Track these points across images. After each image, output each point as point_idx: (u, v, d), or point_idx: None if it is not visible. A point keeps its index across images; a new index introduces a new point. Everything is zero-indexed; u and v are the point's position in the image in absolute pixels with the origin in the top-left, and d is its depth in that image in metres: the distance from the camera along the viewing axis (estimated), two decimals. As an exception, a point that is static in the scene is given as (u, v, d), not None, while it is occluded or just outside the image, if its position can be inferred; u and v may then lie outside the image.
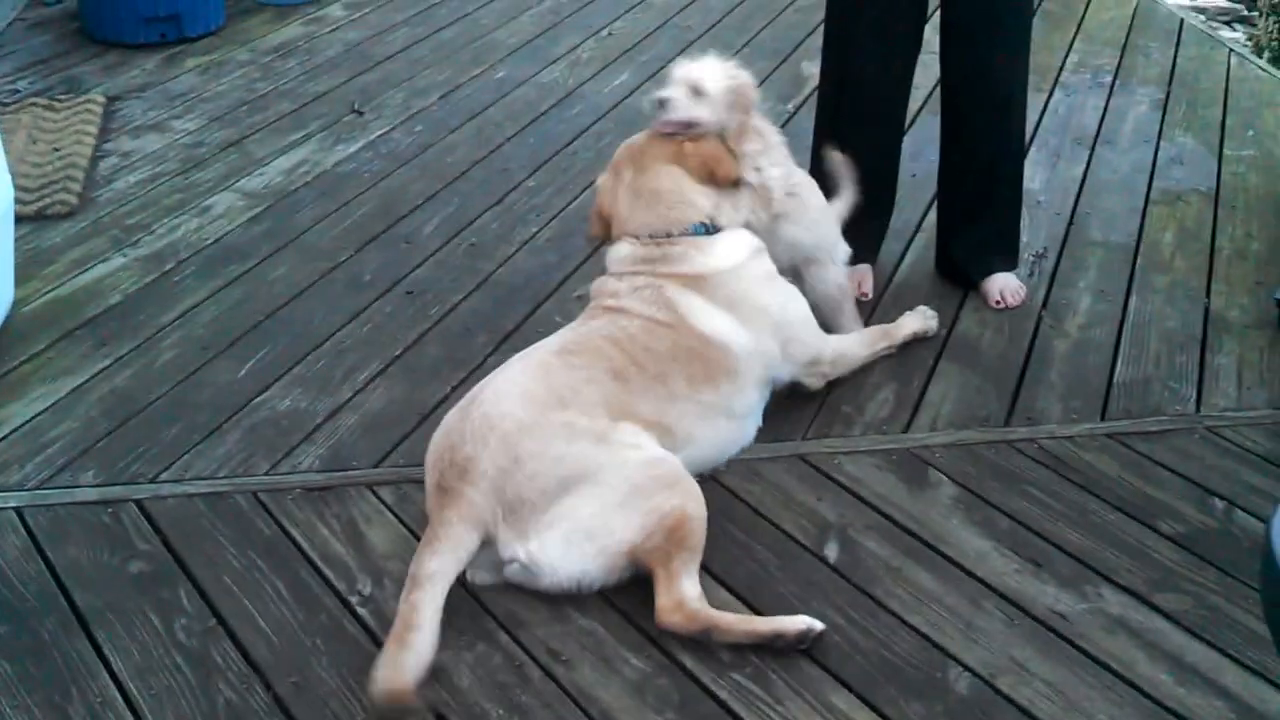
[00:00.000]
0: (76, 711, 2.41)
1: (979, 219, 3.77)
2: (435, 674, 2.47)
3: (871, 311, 3.69)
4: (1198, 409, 3.33)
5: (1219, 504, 2.98)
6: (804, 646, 2.54)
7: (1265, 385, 3.43)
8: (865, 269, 3.80)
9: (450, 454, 2.67)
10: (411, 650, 2.38)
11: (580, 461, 2.64)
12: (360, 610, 2.64)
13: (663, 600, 2.56)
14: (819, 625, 2.56)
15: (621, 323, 2.94)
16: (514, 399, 2.72)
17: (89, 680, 2.48)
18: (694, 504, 2.67)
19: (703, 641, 2.54)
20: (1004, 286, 3.75)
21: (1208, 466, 3.10)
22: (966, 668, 2.52)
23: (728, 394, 2.99)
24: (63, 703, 2.43)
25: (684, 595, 2.57)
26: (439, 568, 2.52)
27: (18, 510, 2.92)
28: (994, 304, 3.72)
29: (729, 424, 3.04)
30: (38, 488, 2.99)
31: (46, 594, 2.69)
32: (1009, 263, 3.82)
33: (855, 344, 3.39)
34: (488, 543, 2.61)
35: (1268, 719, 2.43)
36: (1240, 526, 2.91)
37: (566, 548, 2.61)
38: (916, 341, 3.53)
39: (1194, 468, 3.10)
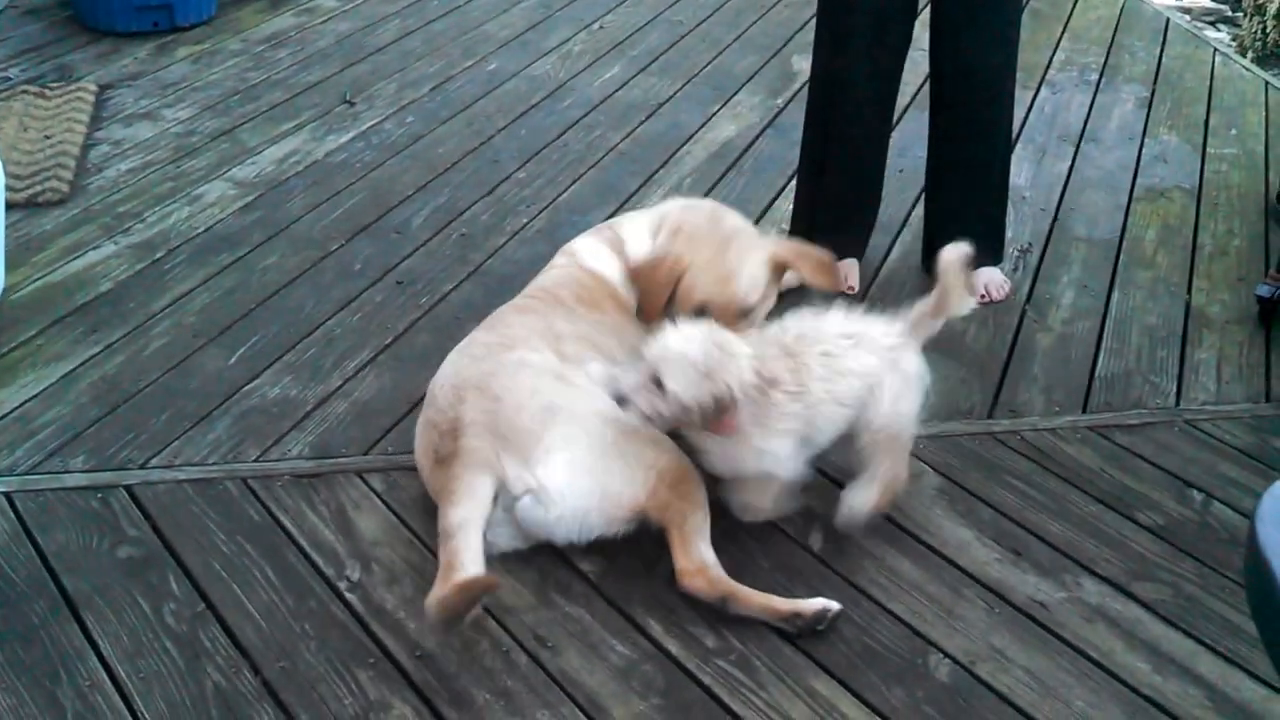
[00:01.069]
0: (65, 695, 2.43)
1: (965, 214, 3.80)
2: (422, 658, 2.51)
3: (864, 290, 3.74)
4: (1177, 403, 3.37)
5: (1197, 496, 3.02)
6: (821, 627, 2.58)
7: (1244, 380, 3.47)
8: (852, 263, 3.83)
9: (437, 428, 2.74)
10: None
11: (556, 394, 2.71)
12: (349, 596, 2.67)
13: (683, 563, 2.61)
14: (835, 606, 2.61)
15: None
16: (465, 365, 2.83)
17: (78, 664, 2.50)
18: (686, 459, 2.72)
19: (717, 609, 2.60)
20: (989, 281, 3.79)
21: (1186, 459, 3.15)
22: (947, 655, 2.56)
23: (622, 324, 3.02)
24: (52, 686, 2.45)
25: (705, 560, 2.62)
26: (465, 515, 2.57)
27: (7, 495, 2.93)
28: (979, 298, 3.75)
29: None
30: (27, 473, 3.01)
31: (36, 578, 2.70)
32: (994, 257, 3.85)
33: None
34: (499, 491, 2.65)
35: (1241, 706, 2.47)
36: (1217, 518, 2.96)
37: (571, 474, 2.64)
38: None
39: (1173, 460, 3.14)
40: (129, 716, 2.39)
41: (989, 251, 3.84)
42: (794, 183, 4.08)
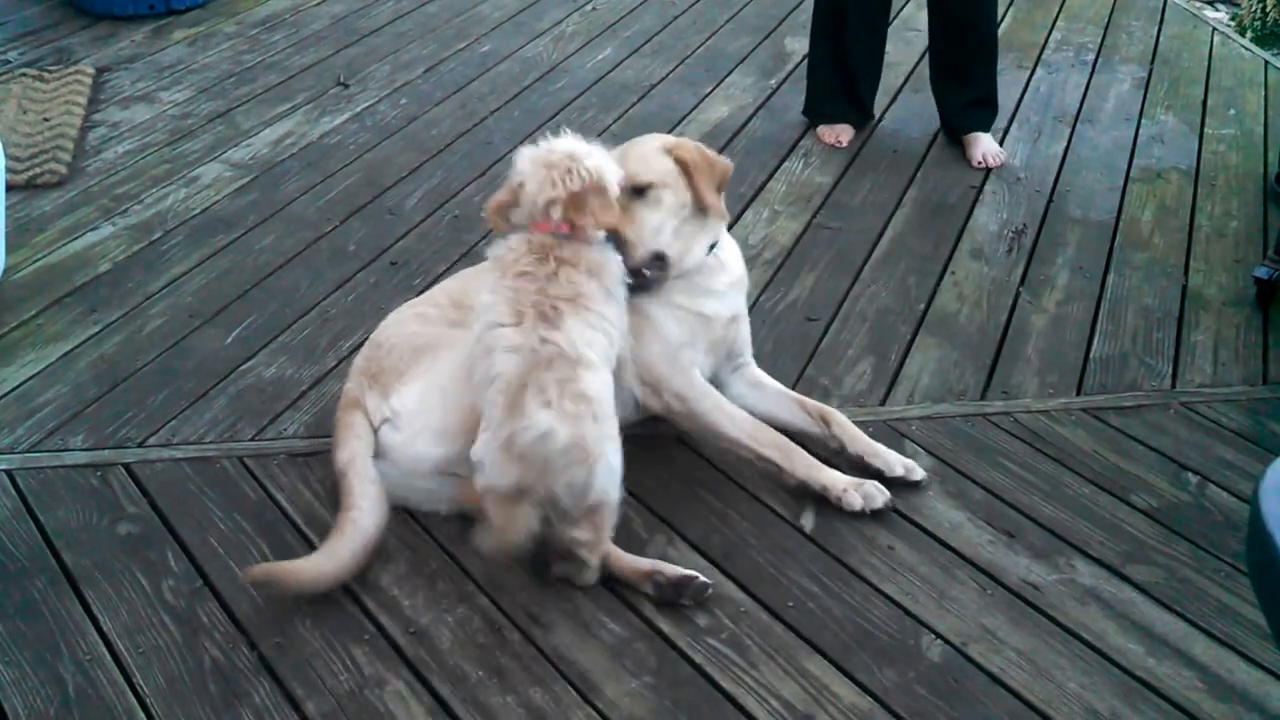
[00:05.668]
0: (66, 668, 2.45)
1: (965, 80, 4.39)
2: (416, 634, 2.52)
3: (858, 270, 3.74)
4: (1173, 385, 3.38)
5: (1192, 478, 3.03)
6: (686, 601, 2.59)
7: (1240, 362, 3.48)
8: (847, 128, 4.50)
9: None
10: (350, 535, 2.59)
11: (432, 336, 2.78)
12: (344, 574, 2.68)
13: None
14: (704, 580, 2.62)
15: None
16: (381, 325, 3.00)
17: (78, 638, 2.52)
18: None
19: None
20: (986, 150, 4.38)
21: (1182, 441, 3.15)
22: (939, 636, 2.56)
23: None
24: (53, 660, 2.47)
25: None
26: (349, 454, 2.74)
27: (9, 472, 2.94)
28: (976, 164, 4.32)
29: None
30: (28, 451, 3.02)
31: (37, 554, 2.72)
32: (988, 120, 4.44)
33: (727, 419, 2.93)
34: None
35: (1235, 689, 2.47)
36: (1213, 501, 2.96)
37: (423, 396, 2.74)
38: (893, 316, 3.58)
39: (1168, 443, 3.14)
40: (128, 690, 2.41)
41: (983, 112, 4.40)
42: (787, 161, 4.32)
